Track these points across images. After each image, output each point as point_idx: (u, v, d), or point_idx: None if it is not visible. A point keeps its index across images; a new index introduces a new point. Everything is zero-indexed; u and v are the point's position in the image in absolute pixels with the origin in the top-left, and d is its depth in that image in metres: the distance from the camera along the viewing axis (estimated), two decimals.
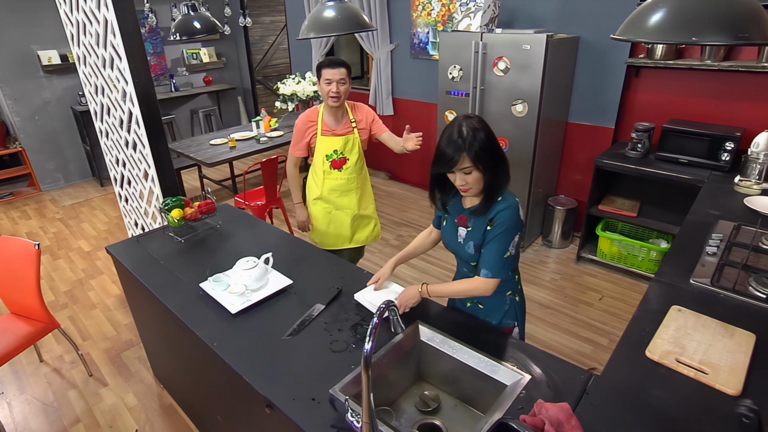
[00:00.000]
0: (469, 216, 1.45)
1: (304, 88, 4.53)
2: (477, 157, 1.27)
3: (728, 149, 2.84)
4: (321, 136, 2.27)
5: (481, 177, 1.32)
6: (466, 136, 1.27)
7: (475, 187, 1.34)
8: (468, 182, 1.32)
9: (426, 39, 4.40)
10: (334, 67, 2.09)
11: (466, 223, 1.47)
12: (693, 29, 0.62)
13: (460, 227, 1.49)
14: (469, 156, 1.27)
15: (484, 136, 1.28)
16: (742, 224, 2.12)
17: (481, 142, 1.27)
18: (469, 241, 1.46)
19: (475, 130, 1.28)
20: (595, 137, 3.63)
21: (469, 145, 1.26)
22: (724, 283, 1.68)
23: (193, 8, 2.41)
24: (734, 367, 1.29)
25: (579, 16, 3.38)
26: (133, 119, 2.19)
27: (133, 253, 2.04)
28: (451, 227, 1.54)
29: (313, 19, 1.55)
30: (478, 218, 1.43)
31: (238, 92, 6.49)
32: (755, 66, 2.79)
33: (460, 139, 1.27)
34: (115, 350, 2.73)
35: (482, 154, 1.27)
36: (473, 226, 1.45)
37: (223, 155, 3.78)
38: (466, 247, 1.47)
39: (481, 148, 1.27)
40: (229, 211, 2.42)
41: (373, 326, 0.96)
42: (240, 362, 1.37)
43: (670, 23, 0.65)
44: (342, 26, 1.51)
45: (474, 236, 1.44)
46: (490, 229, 1.40)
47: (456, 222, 1.51)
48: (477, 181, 1.32)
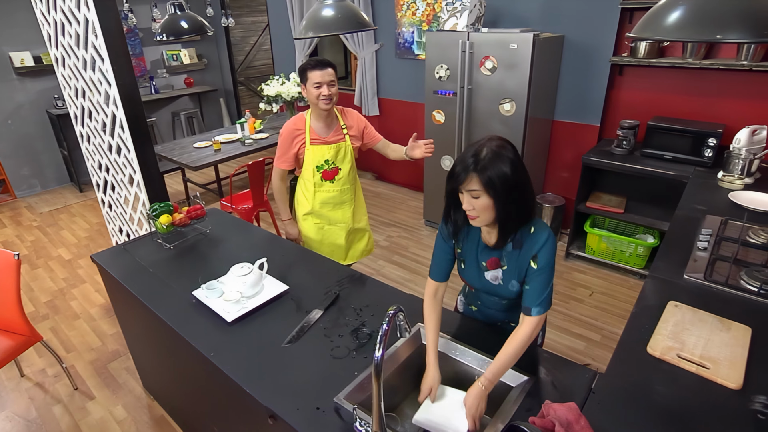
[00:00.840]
0: (501, 255, 1.33)
1: (289, 89, 4.47)
2: (489, 183, 1.14)
3: (711, 145, 2.90)
4: (310, 146, 2.11)
5: (492, 206, 1.18)
6: (483, 157, 1.15)
7: (482, 216, 1.20)
8: (475, 207, 1.18)
9: (411, 39, 4.39)
10: (321, 68, 1.94)
11: (498, 264, 1.34)
12: (717, 26, 0.62)
13: (492, 271, 1.36)
14: (479, 179, 1.14)
15: (507, 166, 1.14)
16: (729, 219, 2.16)
17: (499, 171, 1.13)
18: (510, 280, 1.34)
19: (497, 155, 1.15)
20: (580, 135, 3.68)
21: (482, 167, 1.14)
22: (717, 278, 1.71)
23: (179, 8, 2.33)
24: (733, 361, 1.31)
25: (563, 15, 3.41)
26: (116, 123, 2.12)
27: (120, 261, 1.98)
28: (474, 269, 1.40)
29: (312, 18, 1.52)
30: (514, 254, 1.30)
31: (220, 94, 6.38)
32: (734, 64, 2.85)
33: (474, 158, 1.15)
34: (101, 362, 2.65)
35: (497, 182, 1.14)
36: (509, 263, 1.32)
37: (208, 158, 3.70)
38: (509, 286, 1.35)
39: (498, 176, 1.13)
40: (218, 215, 2.37)
41: (383, 333, 0.93)
42: (239, 372, 1.33)
43: (693, 21, 0.65)
44: (342, 25, 1.47)
45: (516, 274, 1.32)
46: (534, 265, 1.27)
47: (485, 265, 1.37)
48: (485, 209, 1.18)
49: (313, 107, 2.10)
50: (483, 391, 1.20)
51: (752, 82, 2.96)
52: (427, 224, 4.27)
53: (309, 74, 1.97)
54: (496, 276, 1.36)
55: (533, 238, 1.27)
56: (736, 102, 3.04)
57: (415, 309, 1.56)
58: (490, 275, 1.37)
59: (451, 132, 3.67)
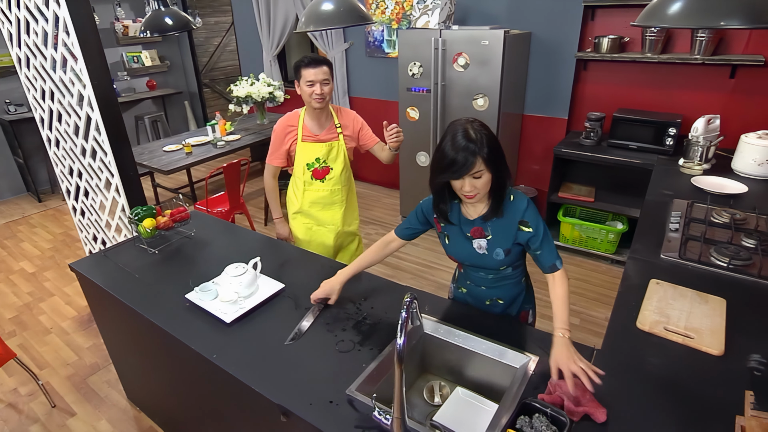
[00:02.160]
0: (485, 225, 1.41)
1: (259, 90, 4.41)
2: (490, 159, 1.23)
3: (671, 134, 3.08)
4: (301, 143, 2.08)
5: (490, 179, 1.27)
6: (477, 138, 1.22)
7: (482, 192, 1.29)
8: (477, 187, 1.27)
9: (381, 37, 4.42)
10: (315, 66, 1.91)
11: (483, 234, 1.42)
12: (721, 14, 0.67)
13: (477, 240, 1.43)
14: (482, 158, 1.23)
15: (492, 137, 1.26)
16: (694, 202, 2.31)
17: (491, 142, 1.24)
18: (495, 248, 1.41)
19: (481, 131, 1.24)
20: (549, 128, 3.81)
21: (480, 146, 1.22)
22: (690, 256, 1.83)
23: (163, 3, 2.25)
24: (714, 330, 1.41)
25: (529, 12, 3.53)
26: (91, 125, 2.03)
27: (102, 269, 1.90)
28: (460, 242, 1.47)
29: (313, 12, 1.51)
30: (497, 223, 1.39)
31: (185, 97, 6.20)
32: (689, 58, 3.04)
33: (472, 143, 1.22)
34: (79, 376, 2.53)
35: (492, 155, 1.24)
36: (494, 232, 1.41)
37: (179, 162, 3.60)
38: (494, 255, 1.42)
39: (491, 149, 1.24)
40: (200, 218, 2.31)
41: (403, 321, 0.96)
42: (245, 372, 1.32)
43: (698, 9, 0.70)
44: (344, 18, 1.47)
45: (501, 242, 1.40)
46: (528, 230, 1.37)
47: (469, 235, 1.44)
48: (485, 184, 1.28)
49: (307, 106, 2.06)
50: (568, 340, 1.24)
51: (705, 74, 3.16)
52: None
53: (302, 72, 1.94)
54: (481, 245, 1.44)
55: (514, 205, 1.38)
56: (692, 93, 3.25)
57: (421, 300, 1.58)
58: (476, 244, 1.45)
59: (425, 128, 3.72)
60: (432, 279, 3.35)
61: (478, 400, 1.37)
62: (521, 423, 1.04)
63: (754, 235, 1.94)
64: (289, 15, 4.78)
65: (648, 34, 3.12)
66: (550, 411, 1.06)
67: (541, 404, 1.07)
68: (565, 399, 1.12)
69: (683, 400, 1.16)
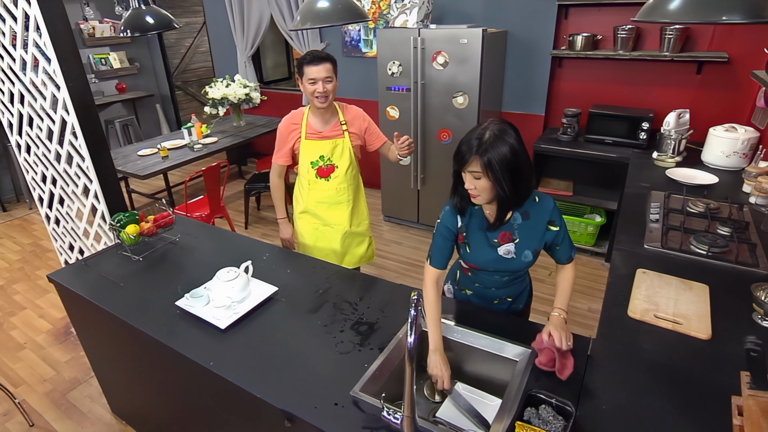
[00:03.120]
0: (513, 229, 1.40)
1: (235, 91, 4.33)
2: (488, 166, 1.19)
3: (644, 129, 3.19)
4: (305, 140, 2.03)
5: (491, 187, 1.24)
6: (486, 140, 1.19)
7: (483, 195, 1.27)
8: (476, 187, 1.25)
9: (358, 37, 4.41)
10: (317, 64, 1.86)
11: (511, 238, 1.40)
12: (721, 9, 0.70)
13: (505, 245, 1.41)
14: (480, 161, 1.19)
15: (507, 150, 1.19)
16: (671, 193, 2.39)
17: (500, 154, 1.18)
18: (524, 251, 1.41)
19: (498, 138, 1.19)
20: (527, 124, 3.88)
21: (483, 150, 1.19)
22: (672, 245, 1.89)
23: (144, 2, 2.16)
24: (700, 315, 1.47)
25: (504, 11, 3.59)
26: (67, 129, 1.94)
27: (83, 279, 1.83)
28: (483, 249, 1.43)
29: (310, 10, 1.48)
30: (525, 225, 1.38)
31: (156, 100, 6.03)
32: (658, 55, 3.15)
33: (477, 141, 1.20)
34: (58, 392, 2.43)
35: (497, 165, 1.19)
36: (522, 235, 1.40)
37: (156, 166, 3.49)
38: (522, 257, 1.41)
39: (498, 160, 1.18)
40: (184, 222, 2.26)
41: (413, 319, 0.95)
42: (245, 378, 1.29)
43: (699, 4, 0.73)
44: (342, 15, 1.45)
45: (530, 243, 1.40)
46: (555, 228, 1.40)
47: (496, 241, 1.42)
48: (485, 189, 1.25)
49: (311, 103, 2.03)
50: (563, 320, 1.36)
51: (673, 71, 3.29)
52: (386, 220, 4.32)
53: (305, 69, 1.89)
54: (509, 250, 1.42)
55: (540, 205, 1.38)
56: (662, 89, 3.37)
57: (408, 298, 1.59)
58: (502, 250, 1.42)
59: (406, 127, 3.73)
60: (418, 277, 3.37)
61: (478, 394, 1.39)
62: (528, 415, 1.05)
63: (728, 223, 2.02)
64: (264, 15, 4.71)
65: (620, 32, 3.21)
66: (555, 401, 1.08)
67: (546, 395, 1.09)
68: (553, 351, 1.22)
69: (678, 384, 1.20)
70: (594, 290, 3.13)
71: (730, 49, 3.05)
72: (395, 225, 4.25)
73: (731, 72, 3.12)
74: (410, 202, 4.06)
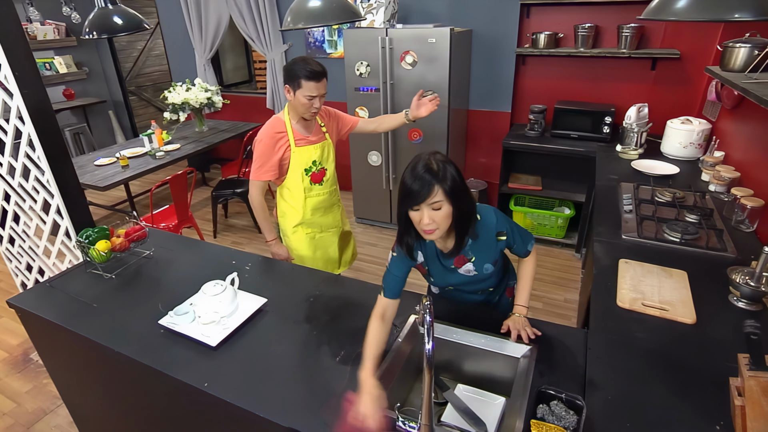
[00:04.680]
0: (468, 251, 1.41)
1: (197, 96, 4.17)
2: (451, 191, 1.20)
3: (607, 123, 3.32)
4: (296, 148, 1.95)
5: (450, 213, 1.23)
6: (437, 169, 1.20)
7: (441, 226, 1.24)
8: (435, 220, 1.21)
9: (322, 37, 4.35)
10: (319, 80, 1.80)
11: (466, 259, 1.43)
12: (728, 8, 0.72)
13: (463, 267, 1.44)
14: (442, 188, 1.19)
15: (455, 170, 1.23)
16: (639, 184, 2.49)
17: (453, 177, 1.21)
18: (484, 265, 1.44)
19: (444, 163, 1.22)
20: (494, 122, 3.96)
21: (442, 177, 1.19)
22: (647, 234, 1.97)
23: (111, 1, 1.99)
24: (684, 300, 1.53)
25: (469, 10, 3.64)
26: (23, 140, 1.79)
27: (50, 301, 1.69)
28: (446, 275, 1.48)
29: (302, 9, 1.41)
30: (475, 244, 1.40)
31: (109, 106, 5.71)
32: (617, 52, 3.28)
33: (429, 173, 1.19)
34: (20, 425, 2.24)
35: (456, 188, 1.21)
36: (476, 252, 1.42)
37: (116, 176, 3.30)
38: (483, 271, 1.45)
39: (453, 182, 1.21)
40: (156, 235, 2.14)
41: (429, 324, 0.93)
42: (245, 398, 1.23)
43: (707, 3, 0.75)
44: (337, 14, 1.40)
45: (486, 257, 1.43)
46: (503, 237, 1.42)
47: (453, 266, 1.44)
48: (445, 218, 1.23)
49: (293, 111, 1.96)
50: (525, 319, 1.43)
51: (631, 67, 3.44)
52: (359, 221, 4.28)
53: (303, 83, 1.81)
54: (469, 269, 1.45)
55: (483, 222, 1.40)
56: (621, 84, 3.51)
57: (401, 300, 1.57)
58: (462, 270, 1.46)
59: None
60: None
61: (480, 394, 1.39)
62: (542, 412, 1.06)
63: (695, 211, 2.13)
64: (222, 16, 4.56)
65: (580, 30, 3.33)
66: (565, 396, 1.09)
67: (556, 390, 1.10)
68: None
69: (674, 369, 1.25)
70: (568, 281, 3.23)
71: (680, 47, 3.22)
72: (368, 226, 4.23)
73: (682, 68, 3.30)
74: (383, 202, 4.04)
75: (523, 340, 1.36)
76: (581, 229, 3.45)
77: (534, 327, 1.41)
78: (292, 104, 1.93)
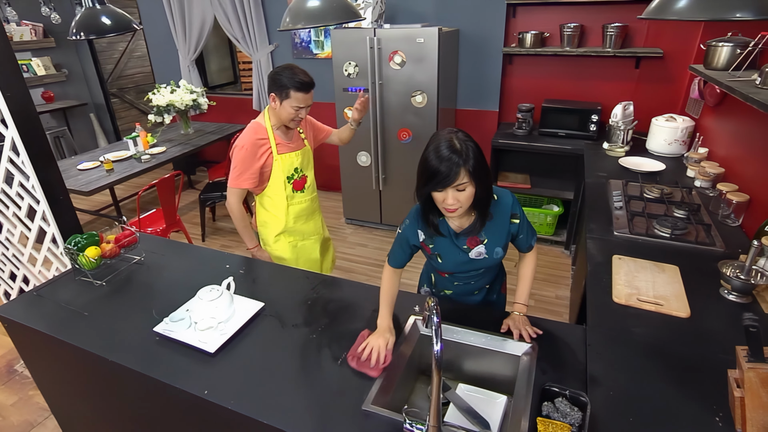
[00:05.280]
0: (481, 233, 1.41)
1: (182, 98, 4.11)
2: (475, 172, 1.20)
3: (594, 121, 3.36)
4: (278, 155, 1.93)
5: (473, 193, 1.24)
6: (461, 149, 1.18)
7: (465, 205, 1.25)
8: (459, 200, 1.23)
9: (308, 38, 4.32)
10: (308, 91, 1.80)
11: (479, 241, 1.42)
12: (728, 8, 0.74)
13: (475, 248, 1.43)
14: (466, 169, 1.18)
15: (476, 149, 1.22)
16: (628, 181, 2.53)
17: (475, 155, 1.20)
18: (495, 248, 1.43)
19: (467, 142, 1.21)
20: (482, 121, 3.98)
21: (466, 159, 1.18)
22: (638, 230, 2.00)
23: (99, 1, 1.93)
24: (677, 295, 1.56)
25: (455, 10, 3.66)
26: (6, 145, 1.73)
27: (38, 311, 1.65)
28: (455, 255, 1.45)
29: (301, 9, 1.39)
30: (490, 225, 1.40)
31: (90, 109, 5.58)
32: (602, 51, 3.33)
33: (455, 154, 1.17)
34: None
35: (477, 167, 1.20)
36: (489, 234, 1.41)
37: (100, 180, 3.23)
38: (493, 255, 1.44)
39: (476, 161, 1.20)
40: (146, 240, 2.09)
41: (437, 326, 0.93)
42: (248, 404, 1.21)
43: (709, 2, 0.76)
44: (337, 14, 1.38)
45: (498, 240, 1.42)
46: (517, 221, 1.42)
47: (466, 247, 1.43)
48: (468, 198, 1.24)
49: (275, 117, 1.93)
50: (524, 317, 1.44)
51: (615, 65, 3.49)
52: (348, 222, 4.27)
53: (292, 94, 1.80)
54: (480, 252, 1.44)
55: (500, 202, 1.41)
56: (606, 83, 3.57)
57: (400, 300, 1.57)
58: (473, 253, 1.44)
59: (365, 127, 3.70)
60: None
61: (482, 393, 1.39)
62: (547, 409, 1.06)
63: (683, 206, 2.17)
64: (207, 16, 4.50)
65: (565, 29, 3.37)
66: (569, 393, 1.10)
67: (560, 388, 1.11)
68: None
69: (671, 363, 1.27)
70: (558, 278, 3.27)
71: (663, 45, 3.28)
72: (358, 227, 4.22)
73: (665, 66, 3.37)
74: (372, 203, 4.04)
75: (524, 339, 1.37)
76: (570, 226, 3.49)
77: (534, 325, 1.42)
78: (275, 112, 1.90)
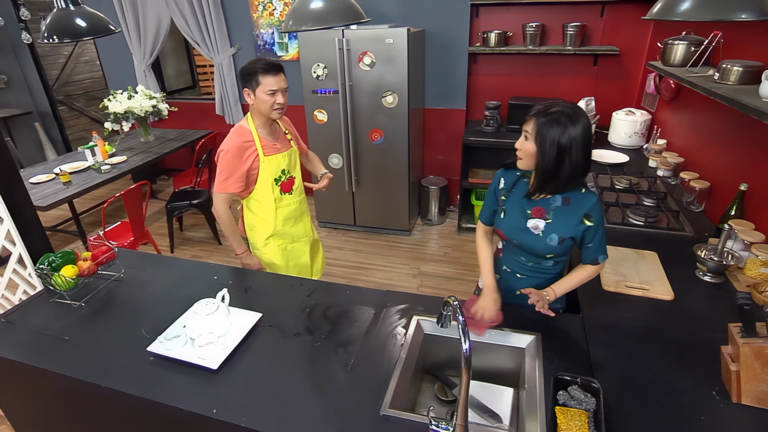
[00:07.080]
0: (549, 208, 1.41)
1: (141, 104, 3.92)
2: (538, 133, 1.25)
3: None
4: (265, 157, 1.89)
5: (534, 153, 1.28)
6: (551, 111, 1.24)
7: (525, 160, 1.33)
8: (522, 148, 1.32)
9: (271, 40, 4.24)
10: (277, 73, 1.75)
11: (544, 215, 1.41)
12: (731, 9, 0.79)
13: (535, 219, 1.42)
14: (534, 123, 1.26)
15: (559, 131, 1.22)
16: (598, 173, 2.65)
17: (550, 129, 1.23)
18: (551, 234, 1.41)
19: (563, 115, 1.23)
20: (450, 119, 4.05)
21: (541, 116, 1.25)
22: (615, 220, 2.10)
23: (73, 2, 1.77)
24: (660, 279, 1.65)
25: (420, 11, 3.70)
26: None
27: (8, 338, 1.52)
28: (516, 217, 1.46)
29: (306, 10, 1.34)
30: (561, 210, 1.39)
31: (35, 118, 5.20)
32: (563, 49, 3.47)
33: (545, 107, 1.26)
34: None
35: (545, 136, 1.23)
36: (555, 217, 1.40)
37: (58, 194, 3.03)
38: (547, 239, 1.41)
39: (547, 133, 1.23)
40: (123, 255, 1.98)
41: (463, 324, 0.94)
42: (260, 420, 1.17)
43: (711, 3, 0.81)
44: (344, 16, 1.34)
45: (559, 228, 1.40)
46: (589, 223, 1.38)
47: (529, 212, 1.43)
48: (528, 154, 1.30)
49: (257, 115, 1.87)
50: (546, 298, 1.44)
51: (575, 63, 3.65)
52: (322, 225, 4.22)
53: (261, 79, 1.74)
54: (537, 225, 1.43)
55: (583, 197, 1.38)
56: (567, 79, 3.71)
57: (394, 302, 1.57)
58: (531, 223, 1.43)
59: (336, 129, 3.68)
60: (369, 280, 3.35)
61: (488, 387, 1.42)
62: (563, 398, 1.10)
63: (651, 195, 2.30)
64: (163, 18, 4.31)
65: (528, 28, 3.48)
66: (581, 380, 1.14)
67: (571, 376, 1.15)
68: None
69: (665, 343, 1.34)
70: None
71: (618, 44, 3.46)
72: (332, 230, 4.18)
73: (621, 63, 3.55)
74: (345, 205, 4.01)
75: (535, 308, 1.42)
76: None
77: (535, 320, 1.46)
78: (255, 107, 1.85)
